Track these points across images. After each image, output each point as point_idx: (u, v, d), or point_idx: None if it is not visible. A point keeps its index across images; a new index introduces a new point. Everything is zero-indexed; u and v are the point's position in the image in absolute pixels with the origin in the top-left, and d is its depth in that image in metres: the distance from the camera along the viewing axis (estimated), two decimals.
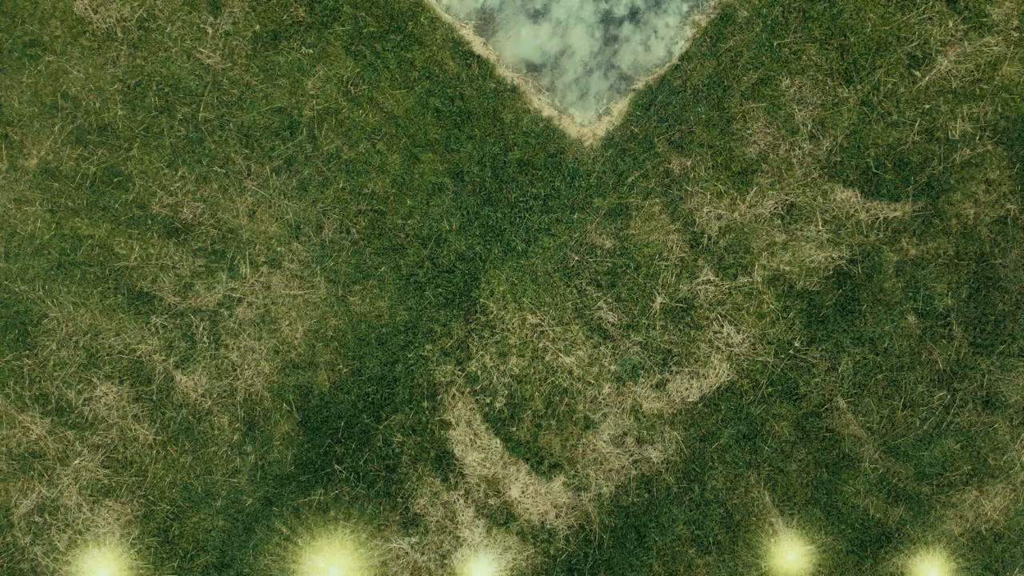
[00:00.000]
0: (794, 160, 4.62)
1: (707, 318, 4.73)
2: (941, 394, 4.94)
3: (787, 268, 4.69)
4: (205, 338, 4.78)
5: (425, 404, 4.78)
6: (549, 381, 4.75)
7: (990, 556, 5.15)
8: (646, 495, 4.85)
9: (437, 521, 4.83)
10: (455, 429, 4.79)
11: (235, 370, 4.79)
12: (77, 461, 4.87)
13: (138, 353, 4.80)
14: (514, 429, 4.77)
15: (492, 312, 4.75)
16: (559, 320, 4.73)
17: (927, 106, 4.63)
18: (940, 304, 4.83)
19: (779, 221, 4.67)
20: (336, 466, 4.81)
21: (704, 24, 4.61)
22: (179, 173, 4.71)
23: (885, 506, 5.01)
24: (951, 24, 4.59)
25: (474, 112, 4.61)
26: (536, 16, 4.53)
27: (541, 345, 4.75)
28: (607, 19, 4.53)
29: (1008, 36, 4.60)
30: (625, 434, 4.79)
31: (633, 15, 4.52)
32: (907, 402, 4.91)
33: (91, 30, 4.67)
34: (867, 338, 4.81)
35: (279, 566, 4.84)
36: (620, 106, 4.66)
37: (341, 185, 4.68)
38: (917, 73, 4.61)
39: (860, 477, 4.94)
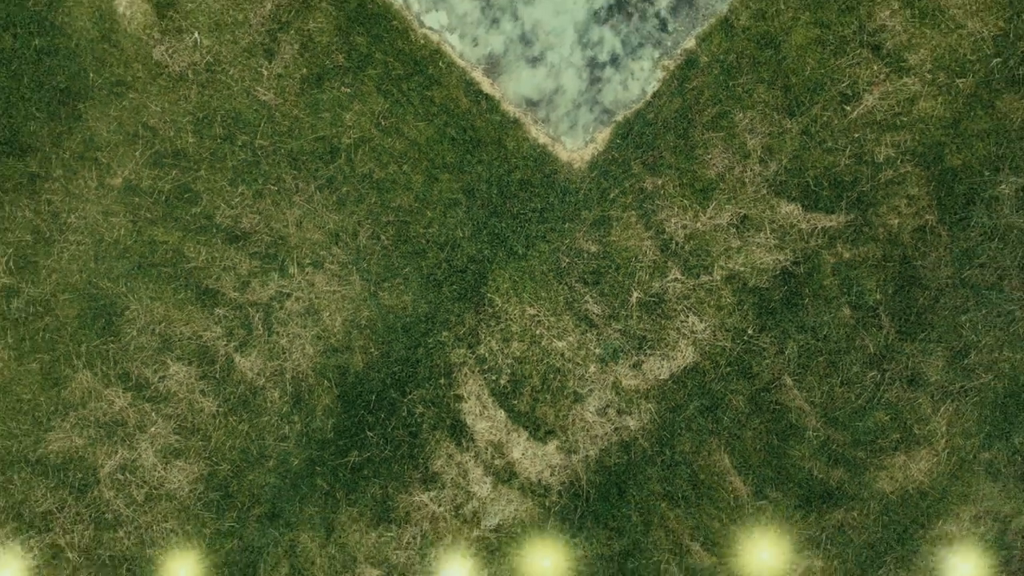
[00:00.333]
0: (746, 179, 5.59)
1: (675, 310, 5.70)
2: (872, 374, 5.88)
3: (741, 268, 5.66)
4: (260, 326, 5.76)
5: (442, 381, 5.75)
6: (544, 362, 5.72)
7: (917, 511, 6.07)
8: (625, 457, 5.80)
9: (452, 478, 5.80)
10: (467, 402, 5.76)
11: (284, 353, 5.77)
12: (153, 428, 5.84)
13: (204, 339, 5.78)
14: (515, 402, 5.73)
15: (497, 305, 5.73)
16: (553, 311, 5.70)
17: (856, 135, 5.60)
18: (870, 298, 5.79)
19: (734, 230, 5.63)
20: (368, 433, 5.79)
21: (672, 68, 5.57)
22: (239, 190, 5.70)
23: (826, 468, 5.95)
24: (875, 68, 5.55)
25: (483, 140, 5.58)
26: (534, 61, 5.51)
27: (538, 332, 5.72)
28: (592, 64, 5.50)
29: (923, 77, 5.56)
30: (607, 406, 5.74)
31: (614, 60, 5.49)
32: (843, 380, 5.86)
33: (167, 72, 5.66)
34: (809, 327, 5.77)
35: (321, 516, 5.81)
36: (603, 135, 5.61)
37: (373, 200, 5.66)
38: (848, 108, 5.58)
39: (804, 443, 5.89)
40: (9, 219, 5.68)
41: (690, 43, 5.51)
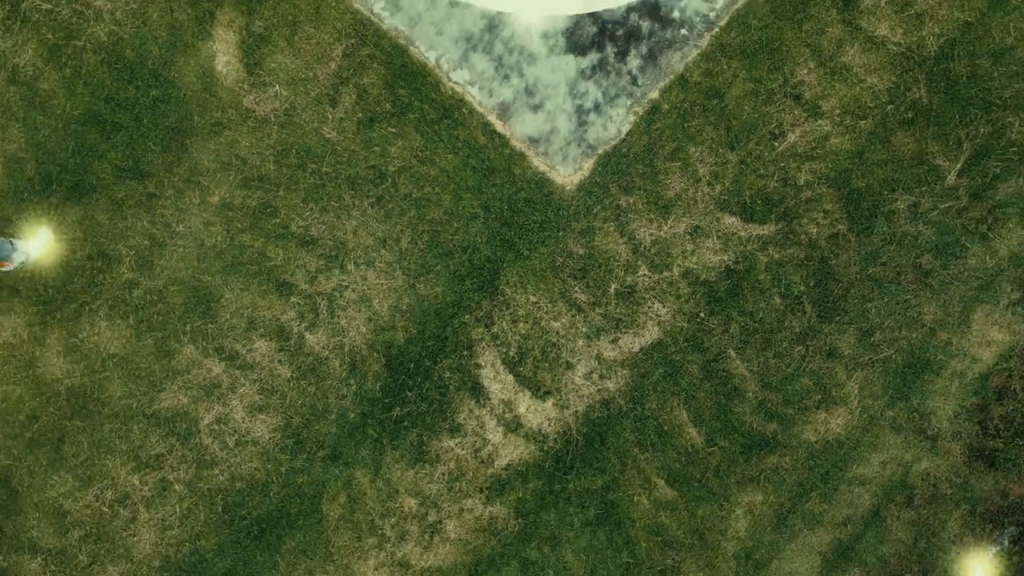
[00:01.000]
0: (697, 198, 7.29)
1: (643, 298, 7.40)
2: (798, 348, 7.54)
3: (694, 266, 7.36)
4: (324, 311, 7.47)
5: (464, 353, 7.45)
6: (543, 338, 7.41)
7: (835, 457, 7.70)
8: (605, 412, 7.48)
9: (472, 428, 7.51)
10: (483, 369, 7.46)
11: (343, 331, 7.49)
12: (241, 390, 7.55)
13: (281, 320, 7.50)
14: (521, 369, 7.42)
15: (507, 294, 7.43)
16: (550, 299, 7.40)
17: (782, 164, 7.29)
18: (795, 289, 7.46)
19: (689, 237, 7.33)
20: (407, 392, 7.48)
21: (640, 113, 7.25)
22: (308, 206, 7.41)
23: (763, 422, 7.61)
24: (796, 113, 7.24)
25: (496, 168, 7.29)
26: (535, 108, 7.21)
27: (538, 315, 7.42)
28: (580, 110, 7.20)
29: (833, 120, 7.25)
30: (592, 372, 7.43)
31: (596, 107, 7.20)
32: (776, 353, 7.52)
33: (254, 116, 7.37)
34: (748, 311, 7.45)
35: (371, 457, 7.48)
36: (588, 165, 7.30)
37: (412, 214, 7.37)
38: (775, 143, 7.27)
39: (745, 403, 7.56)
40: (132, 228, 7.43)
41: (654, 94, 7.22)
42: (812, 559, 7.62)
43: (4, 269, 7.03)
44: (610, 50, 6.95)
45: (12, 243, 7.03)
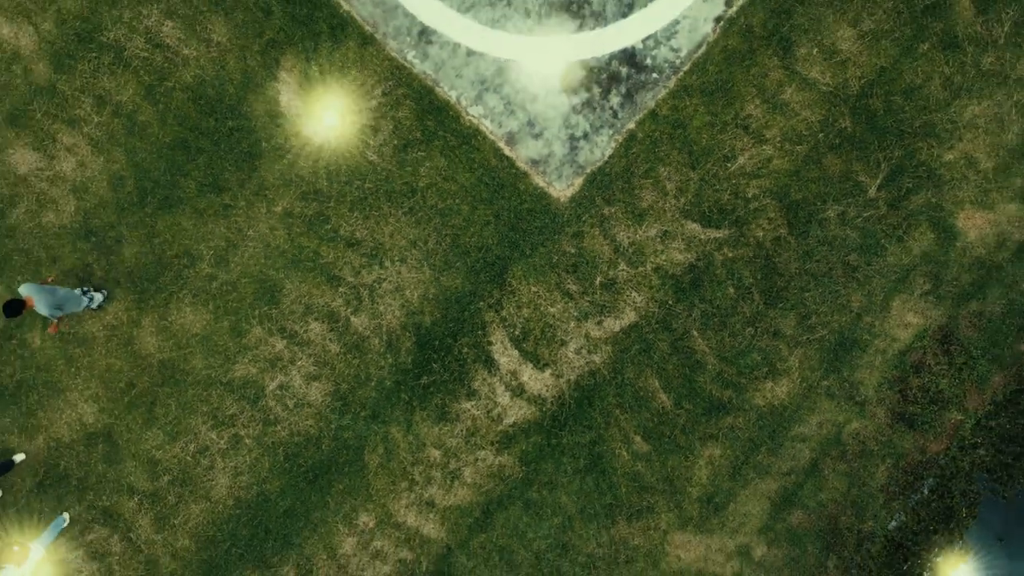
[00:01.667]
0: (666, 208, 9.13)
1: (623, 289, 9.22)
2: (749, 329, 9.33)
3: (664, 262, 9.19)
4: (367, 299, 9.31)
5: (479, 332, 9.27)
6: (543, 320, 9.24)
7: (780, 418, 9.42)
8: (592, 380, 9.29)
9: (485, 393, 9.32)
10: (494, 345, 9.28)
11: (381, 315, 9.32)
12: (299, 362, 9.37)
13: (332, 307, 9.33)
14: (525, 345, 9.24)
15: (513, 285, 9.25)
16: (547, 289, 9.23)
17: (734, 181, 9.10)
18: (746, 281, 9.26)
19: (659, 239, 9.16)
20: (433, 364, 9.30)
21: (620, 140, 9.06)
22: (354, 214, 9.24)
23: (720, 389, 9.38)
24: (745, 140, 9.05)
25: (505, 185, 9.13)
26: (536, 136, 9.05)
27: (538, 302, 9.25)
28: (572, 138, 9.04)
29: (775, 145, 9.07)
30: (581, 348, 9.25)
31: (585, 136, 9.04)
32: (730, 333, 9.31)
33: (310, 145, 9.26)
34: (707, 299, 9.26)
35: (404, 417, 9.26)
36: (578, 182, 9.12)
37: (437, 221, 9.21)
38: (729, 165, 9.09)
39: (705, 374, 9.33)
40: (211, 232, 9.27)
41: (631, 125, 9.06)
42: (762, 503, 9.34)
43: (92, 307, 8.70)
44: (596, 90, 8.79)
45: (86, 293, 8.75)
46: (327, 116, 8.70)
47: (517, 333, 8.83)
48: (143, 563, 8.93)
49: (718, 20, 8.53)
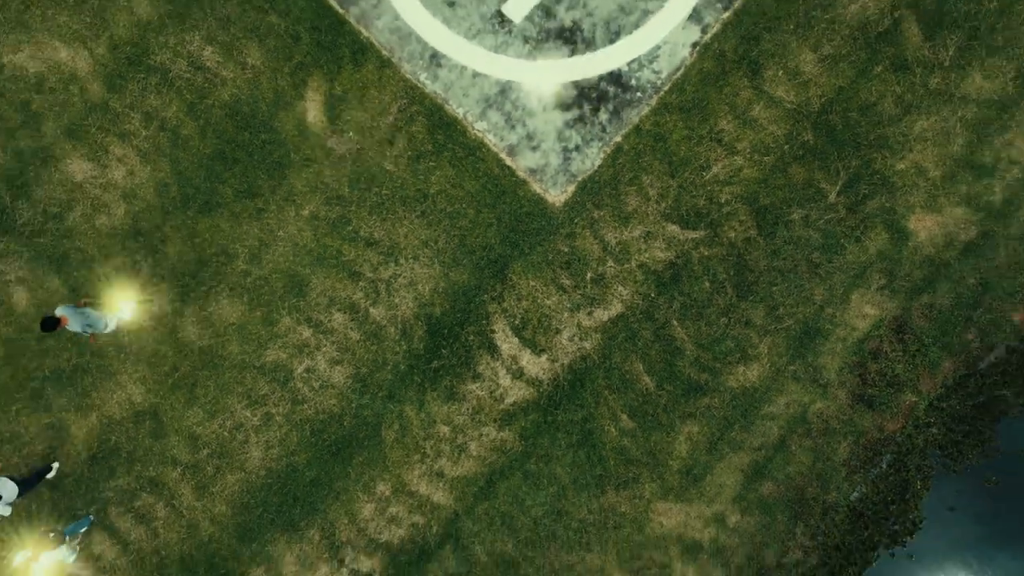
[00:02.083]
0: (649, 212, 10.34)
1: (611, 283, 10.43)
2: (723, 319, 10.52)
3: (647, 260, 10.40)
4: (384, 292, 10.52)
5: (484, 321, 10.48)
6: (540, 311, 10.46)
7: (751, 399, 10.58)
8: (583, 364, 10.48)
9: (488, 375, 10.53)
10: (496, 333, 10.49)
11: (397, 307, 10.54)
12: (323, 348, 10.59)
13: (353, 299, 10.55)
14: (524, 333, 10.45)
15: (513, 280, 10.48)
16: (544, 283, 10.44)
17: (709, 188, 10.30)
18: (720, 277, 10.45)
19: (643, 239, 10.37)
20: (442, 351, 10.48)
21: (608, 152, 10.26)
22: (373, 217, 10.45)
23: (698, 372, 10.56)
24: (719, 151, 10.21)
25: (506, 191, 10.35)
26: (534, 148, 10.26)
27: (536, 295, 10.46)
28: (565, 149, 10.24)
29: (746, 156, 10.27)
30: (574, 335, 10.46)
31: (577, 148, 10.25)
32: (707, 323, 10.48)
33: (334, 153, 10.29)
34: (686, 292, 10.46)
35: (416, 397, 10.39)
36: (571, 189, 10.34)
37: (446, 223, 10.40)
38: (704, 173, 10.29)
39: (684, 359, 10.53)
40: (246, 233, 10.49)
41: (618, 139, 10.27)
42: (735, 475, 10.51)
43: (107, 331, 9.90)
44: (586, 108, 10.01)
45: (107, 316, 9.96)
46: (349, 130, 9.91)
47: (517, 322, 10.02)
48: (184, 527, 10.15)
49: (694, 46, 9.75)
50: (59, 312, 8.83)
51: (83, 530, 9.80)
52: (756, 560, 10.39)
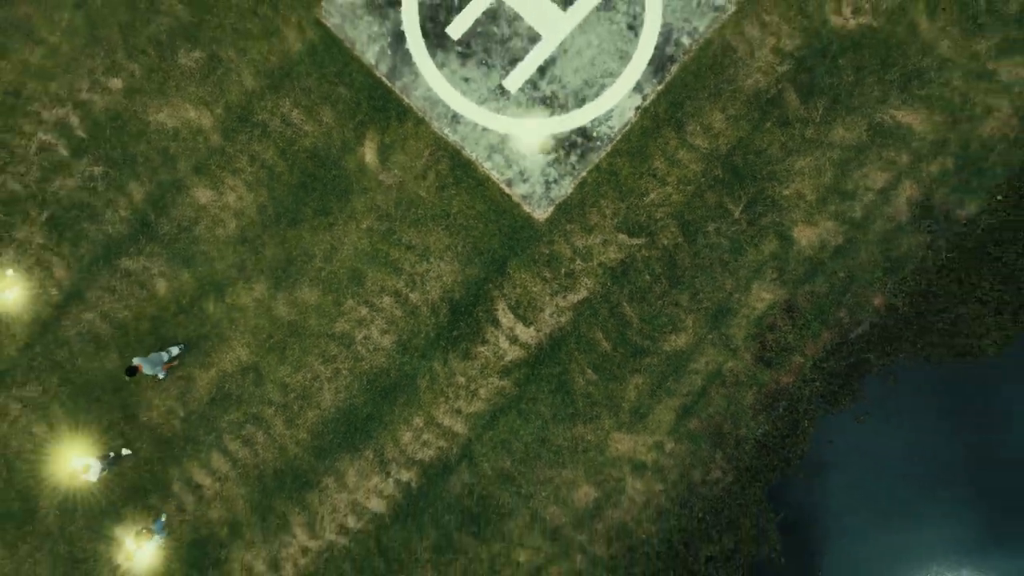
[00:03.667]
0: (606, 225, 14.80)
1: (578, 276, 14.86)
2: (660, 302, 14.87)
3: (605, 259, 14.84)
4: (419, 281, 14.90)
5: (489, 303, 14.92)
6: (528, 295, 14.88)
7: (681, 359, 14.96)
8: (560, 333, 14.80)
9: (492, 341, 14.95)
10: (499, 311, 14.91)
11: (428, 292, 15.00)
12: (376, 322, 14.96)
13: (396, 287, 14.94)
14: (518, 311, 14.90)
15: (510, 274, 14.93)
16: (531, 276, 14.82)
17: (648, 208, 14.73)
18: (657, 271, 14.78)
19: (601, 245, 14.78)
20: (460, 323, 14.81)
21: (577, 184, 14.82)
22: (411, 229, 14.82)
23: (642, 340, 14.90)
24: (654, 183, 14.67)
25: (505, 211, 14.82)
26: (525, 181, 14.72)
27: (526, 284, 14.95)
28: (547, 182, 14.69)
29: (675, 187, 14.69)
30: (553, 313, 14.85)
31: (555, 181, 14.69)
32: (647, 304, 14.64)
33: (383, 185, 15.03)
34: (632, 283, 14.83)
35: (441, 356, 14.92)
36: (551, 210, 14.71)
37: (464, 233, 14.80)
38: (645, 199, 14.74)
39: (632, 329, 14.83)
40: (321, 240, 14.97)
41: (584, 174, 14.75)
42: (670, 414, 14.87)
43: (160, 377, 14.44)
44: (561, 152, 14.54)
45: (167, 352, 14.53)
46: (394, 168, 14.51)
47: (513, 303, 14.55)
48: (277, 448, 14.73)
49: (637, 108, 14.27)
50: (135, 362, 13.37)
51: (163, 522, 14.35)
52: (686, 477, 14.75)
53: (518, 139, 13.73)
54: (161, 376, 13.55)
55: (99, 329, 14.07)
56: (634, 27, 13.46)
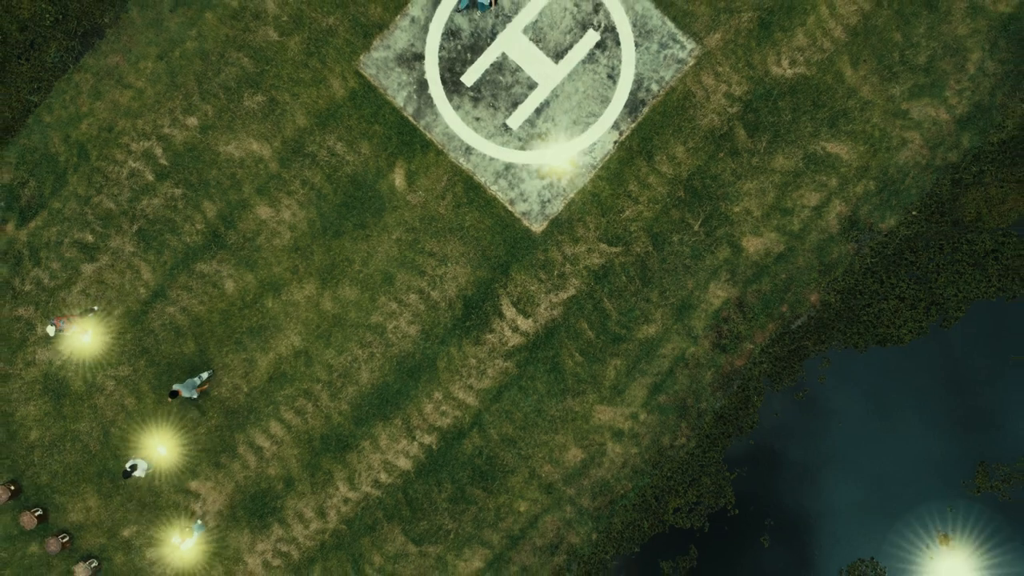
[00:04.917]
0: (589, 236, 18.46)
1: (568, 277, 18.32)
2: (633, 298, 18.26)
3: (589, 264, 18.42)
4: (438, 281, 18.40)
5: (495, 298, 18.34)
6: (527, 292, 18.44)
7: (651, 345, 18.53)
8: (553, 323, 18.22)
9: (498, 329, 18.45)
10: (503, 305, 18.48)
11: (446, 290, 18.51)
12: (404, 314, 18.27)
13: (420, 286, 18.60)
14: (519, 305, 18.37)
15: (512, 275, 18.52)
16: (529, 277, 18.30)
17: (624, 224, 18.30)
18: (631, 274, 18.41)
19: (586, 252, 18.35)
20: (472, 315, 18.29)
21: (566, 203, 18.52)
22: (431, 240, 18.35)
23: (620, 329, 18.43)
24: (629, 202, 18.34)
25: (508, 224, 18.38)
26: (524, 200, 18.44)
27: (524, 284, 18.58)
28: (542, 201, 18.44)
29: (645, 205, 18.37)
30: (546, 307, 18.33)
31: (548, 200, 18.38)
32: (624, 300, 18.13)
33: (411, 204, 18.75)
34: (611, 283, 18.34)
35: (456, 339, 18.58)
36: (545, 224, 18.26)
37: (474, 243, 18.43)
38: (621, 214, 18.35)
39: (612, 320, 18.28)
40: (359, 248, 18.58)
41: (572, 195, 18.51)
42: (643, 390, 18.38)
43: (194, 398, 18.17)
44: (554, 177, 18.30)
45: (199, 377, 18.28)
46: (419, 190, 18.31)
47: (514, 299, 18.29)
48: (323, 417, 18.46)
49: (615, 142, 18.00)
50: (175, 387, 17.05)
51: (201, 523, 18.03)
52: (657, 442, 18.39)
53: (519, 167, 17.40)
54: (195, 397, 16.88)
55: (178, 321, 17.84)
56: (612, 76, 17.17)
